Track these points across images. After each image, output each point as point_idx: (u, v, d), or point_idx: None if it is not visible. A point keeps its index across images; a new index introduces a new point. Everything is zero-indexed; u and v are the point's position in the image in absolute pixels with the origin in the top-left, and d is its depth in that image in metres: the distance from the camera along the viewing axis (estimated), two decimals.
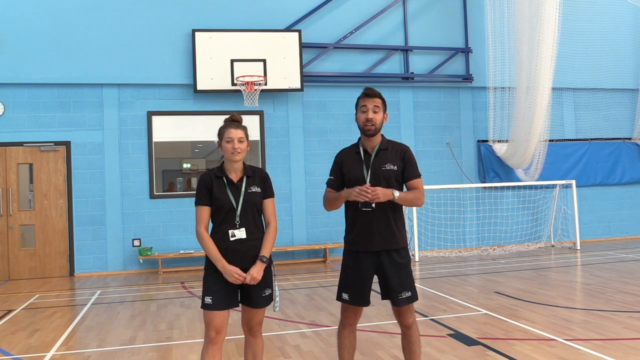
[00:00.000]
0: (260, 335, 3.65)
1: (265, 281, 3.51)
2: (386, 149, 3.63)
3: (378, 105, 3.58)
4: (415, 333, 3.64)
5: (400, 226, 3.62)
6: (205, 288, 3.45)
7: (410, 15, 11.77)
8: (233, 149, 3.46)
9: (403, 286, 3.54)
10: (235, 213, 3.46)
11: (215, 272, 3.44)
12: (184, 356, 5.01)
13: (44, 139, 10.17)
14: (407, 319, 3.62)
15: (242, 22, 10.86)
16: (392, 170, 3.58)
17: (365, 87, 3.68)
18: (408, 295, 3.56)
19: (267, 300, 3.55)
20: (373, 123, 3.56)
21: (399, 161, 3.60)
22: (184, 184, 10.90)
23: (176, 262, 10.46)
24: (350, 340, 3.70)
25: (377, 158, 3.61)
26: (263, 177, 3.60)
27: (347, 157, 3.70)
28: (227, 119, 3.59)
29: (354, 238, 3.61)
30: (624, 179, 12.88)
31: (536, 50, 10.84)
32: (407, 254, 3.66)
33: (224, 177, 3.52)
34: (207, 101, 10.72)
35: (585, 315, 5.97)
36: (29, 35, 10.10)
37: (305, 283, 8.70)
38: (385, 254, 3.55)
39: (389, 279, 3.55)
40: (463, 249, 11.64)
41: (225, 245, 3.44)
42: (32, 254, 10.11)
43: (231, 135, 3.48)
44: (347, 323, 3.70)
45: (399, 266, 3.56)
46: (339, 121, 11.25)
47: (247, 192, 3.50)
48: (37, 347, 5.46)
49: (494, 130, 11.87)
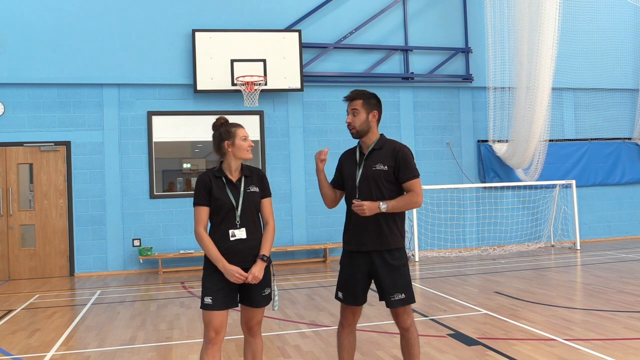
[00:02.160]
0: (260, 335, 3.64)
1: (265, 281, 3.52)
2: (380, 148, 3.59)
3: (357, 107, 3.58)
4: (413, 335, 3.59)
5: (393, 227, 3.54)
6: (205, 288, 3.44)
7: (410, 15, 11.77)
8: (250, 146, 3.54)
9: (396, 287, 3.49)
10: (236, 213, 3.46)
11: (215, 272, 3.44)
12: (184, 356, 5.01)
13: (44, 139, 10.17)
14: (403, 321, 3.57)
15: (242, 22, 10.86)
16: (382, 170, 3.53)
17: None
18: (401, 298, 3.49)
19: (267, 299, 3.56)
20: (353, 126, 3.60)
21: (390, 161, 3.53)
22: (184, 184, 10.89)
23: (176, 262, 10.47)
24: (349, 341, 3.68)
25: (370, 158, 3.59)
26: (260, 177, 3.62)
27: (347, 157, 3.76)
28: (225, 122, 3.57)
29: (349, 238, 3.64)
30: (624, 179, 12.88)
31: (536, 50, 10.84)
32: (402, 255, 3.59)
33: (223, 177, 3.52)
34: (207, 101, 10.72)
35: (585, 315, 5.97)
36: (29, 35, 10.10)
37: (305, 283, 8.70)
38: (377, 254, 3.53)
39: (381, 280, 3.52)
40: (463, 249, 11.64)
41: (225, 245, 3.43)
42: (32, 254, 10.11)
43: (245, 133, 3.57)
44: (345, 323, 3.69)
45: (392, 267, 3.52)
46: (339, 121, 11.24)
47: (247, 191, 3.51)
48: (37, 347, 5.46)
49: (494, 130, 11.87)
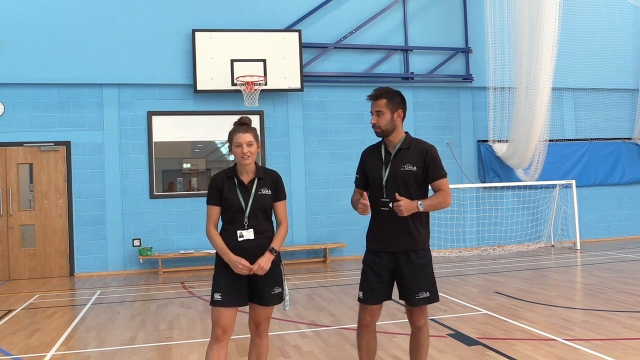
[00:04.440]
0: (267, 336, 3.65)
1: (275, 279, 3.55)
2: (408, 148, 3.53)
3: (381, 108, 3.51)
4: (424, 335, 3.60)
5: (419, 227, 3.52)
6: (215, 285, 3.47)
7: (410, 15, 11.77)
8: (242, 153, 3.48)
9: (420, 286, 3.48)
10: (244, 214, 3.48)
11: (225, 269, 3.46)
12: (184, 356, 5.01)
13: (44, 139, 10.17)
14: (419, 320, 3.57)
15: (242, 22, 10.85)
16: (411, 171, 3.47)
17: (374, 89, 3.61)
18: (426, 296, 3.49)
19: (277, 298, 3.57)
20: (378, 126, 3.53)
21: (419, 161, 3.48)
22: (184, 184, 10.89)
23: (176, 262, 10.46)
24: (367, 342, 3.63)
25: (397, 158, 3.51)
26: (275, 180, 3.61)
27: (370, 155, 3.65)
28: (235, 122, 3.58)
29: (373, 237, 3.60)
30: (624, 179, 12.88)
31: (536, 50, 10.83)
32: (427, 254, 3.57)
33: (235, 178, 3.54)
34: (207, 101, 10.72)
35: (585, 315, 5.97)
36: (29, 35, 10.10)
37: (305, 283, 8.70)
38: (403, 254, 3.50)
39: (406, 279, 3.50)
40: (463, 249, 11.64)
41: (232, 244, 3.47)
42: (32, 254, 10.11)
43: (239, 140, 3.48)
44: (362, 324, 3.64)
45: (417, 266, 3.50)
46: (339, 121, 11.23)
47: (257, 194, 3.52)
48: (37, 347, 5.46)
49: (494, 130, 11.87)
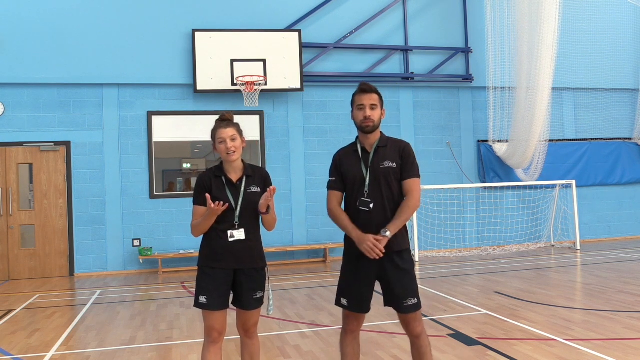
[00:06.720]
0: (256, 336, 3.60)
1: (257, 284, 3.46)
2: (385, 145, 3.43)
3: (375, 102, 3.41)
4: (425, 343, 3.40)
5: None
6: (199, 288, 3.41)
7: (410, 15, 11.77)
8: (227, 148, 3.37)
9: (407, 293, 3.33)
10: (234, 213, 3.40)
11: (210, 271, 3.41)
12: (184, 356, 5.01)
13: (44, 139, 10.17)
14: (415, 327, 3.39)
15: (242, 22, 10.85)
16: (391, 167, 3.36)
17: (361, 83, 3.49)
18: (414, 303, 3.34)
19: (259, 302, 3.48)
20: (372, 120, 3.39)
21: (397, 158, 3.39)
22: (184, 184, 10.89)
23: (176, 262, 10.46)
24: (352, 348, 3.50)
25: (376, 155, 3.40)
26: (264, 177, 3.53)
27: (345, 156, 3.50)
28: (217, 119, 3.52)
29: (353, 241, 3.37)
30: (624, 179, 12.88)
31: (536, 50, 10.83)
32: (410, 258, 3.43)
33: (223, 176, 3.44)
34: (207, 101, 10.72)
35: (585, 315, 5.97)
36: (29, 35, 10.10)
37: (305, 283, 8.70)
38: (387, 257, 3.30)
39: (392, 285, 3.34)
40: (463, 249, 11.64)
41: (222, 244, 3.38)
42: (32, 254, 10.11)
43: (222, 135, 3.39)
44: (348, 330, 3.50)
45: (403, 271, 3.35)
46: (339, 121, 11.24)
47: (247, 192, 3.43)
48: (37, 347, 5.46)
49: (494, 130, 11.87)
